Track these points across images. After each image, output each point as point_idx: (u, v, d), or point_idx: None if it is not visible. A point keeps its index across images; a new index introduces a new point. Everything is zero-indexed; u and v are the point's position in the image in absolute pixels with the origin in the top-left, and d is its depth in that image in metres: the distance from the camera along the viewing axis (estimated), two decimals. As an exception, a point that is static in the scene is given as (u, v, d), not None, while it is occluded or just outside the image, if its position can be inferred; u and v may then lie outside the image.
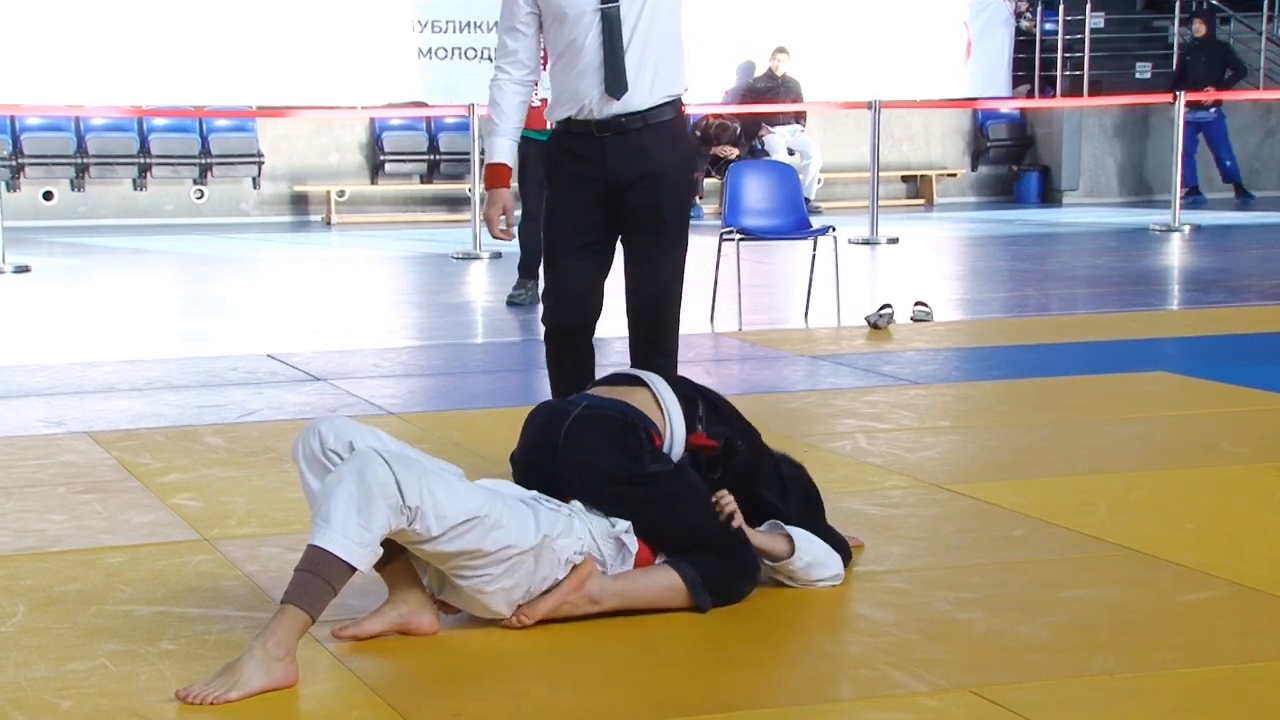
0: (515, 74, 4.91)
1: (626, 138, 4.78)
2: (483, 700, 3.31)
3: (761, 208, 9.16)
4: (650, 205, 4.81)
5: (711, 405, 4.07)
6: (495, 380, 7.30)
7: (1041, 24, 18.54)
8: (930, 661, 3.49)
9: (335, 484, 3.44)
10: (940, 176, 18.21)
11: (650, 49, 4.75)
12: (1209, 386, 6.67)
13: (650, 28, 4.74)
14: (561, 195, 4.90)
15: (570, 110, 4.82)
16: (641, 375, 4.05)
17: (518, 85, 4.92)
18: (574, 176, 4.85)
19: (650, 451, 3.83)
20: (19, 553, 4.37)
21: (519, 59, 4.90)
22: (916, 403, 6.48)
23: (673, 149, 4.86)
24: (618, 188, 4.80)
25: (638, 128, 4.78)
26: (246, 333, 8.80)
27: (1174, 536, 4.45)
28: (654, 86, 4.78)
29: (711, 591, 3.77)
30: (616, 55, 4.70)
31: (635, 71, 4.72)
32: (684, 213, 4.95)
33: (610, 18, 4.69)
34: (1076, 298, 10.37)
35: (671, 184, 4.85)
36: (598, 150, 4.79)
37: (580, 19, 4.72)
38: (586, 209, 4.84)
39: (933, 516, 4.73)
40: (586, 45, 4.72)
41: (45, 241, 14.04)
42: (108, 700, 3.28)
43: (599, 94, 4.74)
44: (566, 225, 4.88)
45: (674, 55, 4.85)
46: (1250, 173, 18.67)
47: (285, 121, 16.24)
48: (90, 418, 6.22)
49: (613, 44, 4.69)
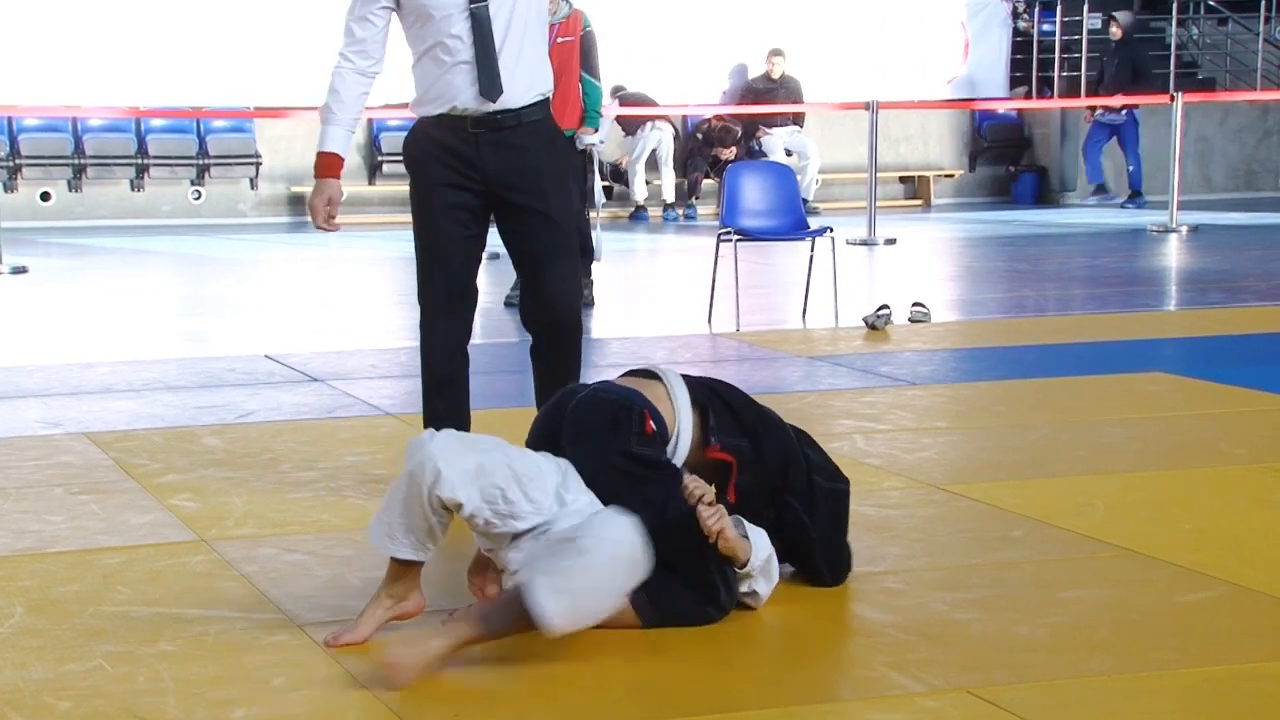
0: (360, 64, 4.81)
1: (501, 134, 4.73)
2: (483, 700, 3.31)
3: (759, 208, 9.16)
4: (537, 205, 4.76)
5: (727, 410, 3.97)
6: (493, 381, 7.29)
7: (1039, 25, 18.55)
8: (928, 662, 3.49)
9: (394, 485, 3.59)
10: (938, 177, 18.21)
11: (524, 49, 4.71)
12: (1206, 387, 6.68)
13: (524, 28, 4.70)
14: (438, 191, 4.80)
15: (442, 108, 4.76)
16: (658, 371, 4.01)
17: (361, 75, 4.82)
18: (449, 171, 4.77)
19: (639, 434, 3.76)
20: (16, 554, 4.36)
21: (365, 49, 4.79)
22: (914, 403, 6.48)
23: (548, 147, 4.82)
24: (496, 186, 4.75)
25: (512, 126, 4.73)
26: (244, 333, 8.80)
27: (1171, 537, 4.45)
28: (529, 86, 4.74)
29: (661, 613, 3.67)
30: (489, 56, 4.66)
31: (510, 72, 4.69)
32: (569, 210, 4.94)
33: (480, 17, 4.64)
34: (1074, 298, 10.38)
35: (552, 182, 4.79)
36: (473, 147, 4.74)
37: (448, 18, 4.66)
38: (464, 204, 4.78)
39: (930, 517, 4.73)
40: (456, 45, 4.67)
41: (42, 242, 14.03)
42: (105, 701, 3.28)
43: (473, 93, 4.69)
44: (445, 217, 4.81)
45: (542, 54, 4.83)
46: (1248, 173, 18.69)
47: (283, 122, 16.23)
48: (88, 418, 6.22)
49: (484, 44, 4.65)
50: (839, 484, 4.10)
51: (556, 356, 4.87)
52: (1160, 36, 19.19)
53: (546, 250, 4.79)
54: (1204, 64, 19.52)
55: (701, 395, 3.95)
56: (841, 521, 4.08)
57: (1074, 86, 18.18)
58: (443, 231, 4.80)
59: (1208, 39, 19.82)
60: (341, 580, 4.06)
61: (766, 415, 4.06)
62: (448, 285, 4.87)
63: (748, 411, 4.02)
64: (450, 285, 4.87)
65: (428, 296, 4.91)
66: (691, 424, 3.89)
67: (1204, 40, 19.83)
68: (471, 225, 4.82)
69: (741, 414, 3.99)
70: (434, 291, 4.88)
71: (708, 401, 3.95)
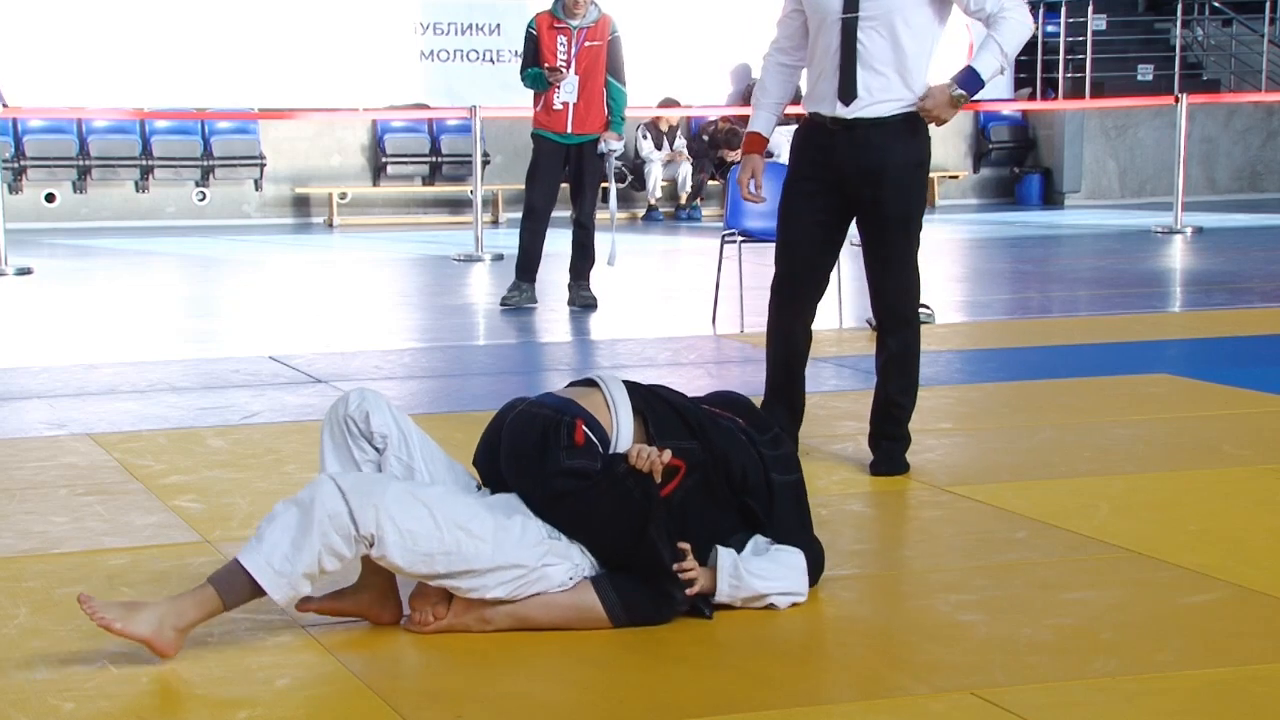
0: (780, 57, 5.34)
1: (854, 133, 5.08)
2: (483, 700, 3.31)
3: (764, 209, 9.14)
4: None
5: (671, 412, 3.89)
6: (497, 382, 7.30)
7: (1043, 26, 18.54)
8: (932, 663, 3.49)
9: (282, 510, 3.53)
10: (942, 179, 18.21)
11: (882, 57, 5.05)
12: (1211, 388, 6.68)
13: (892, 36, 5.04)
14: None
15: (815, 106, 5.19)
16: (596, 378, 3.97)
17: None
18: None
19: (568, 447, 3.71)
20: (21, 554, 4.37)
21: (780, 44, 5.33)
22: (918, 405, 6.47)
23: (903, 146, 5.13)
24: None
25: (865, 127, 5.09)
26: (248, 335, 8.81)
27: (1175, 538, 4.45)
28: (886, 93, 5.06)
29: (628, 610, 3.68)
30: (850, 63, 5.03)
31: (864, 80, 5.03)
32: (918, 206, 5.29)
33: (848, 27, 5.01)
34: (1078, 300, 10.37)
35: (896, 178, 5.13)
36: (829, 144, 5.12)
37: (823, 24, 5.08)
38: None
39: (934, 518, 4.73)
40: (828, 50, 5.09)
41: (47, 243, 14.06)
42: (109, 702, 3.29)
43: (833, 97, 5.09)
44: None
45: (909, 64, 5.09)
46: (1253, 174, 18.68)
47: (287, 123, 16.25)
48: (92, 419, 6.22)
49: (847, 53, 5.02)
50: (793, 475, 4.02)
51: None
52: (1165, 38, 19.19)
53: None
54: (1208, 65, 19.51)
55: (642, 401, 3.89)
56: (805, 513, 4.02)
57: (1079, 88, 18.18)
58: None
59: (1212, 40, 19.82)
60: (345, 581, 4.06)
61: (714, 416, 3.98)
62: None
63: (691, 413, 3.93)
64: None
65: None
66: (631, 428, 3.81)
67: (1209, 41, 19.83)
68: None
69: (686, 414, 3.91)
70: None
71: (649, 405, 3.88)
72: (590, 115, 9.44)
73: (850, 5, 4.99)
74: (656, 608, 3.70)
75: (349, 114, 16.31)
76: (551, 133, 9.53)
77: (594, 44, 9.38)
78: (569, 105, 9.41)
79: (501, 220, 16.42)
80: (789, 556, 3.88)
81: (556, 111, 9.46)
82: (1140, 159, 18.44)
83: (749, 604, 3.81)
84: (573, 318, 9.35)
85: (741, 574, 3.79)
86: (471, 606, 3.66)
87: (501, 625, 3.67)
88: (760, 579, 3.81)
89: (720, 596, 3.78)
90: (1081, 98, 17.92)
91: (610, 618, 3.67)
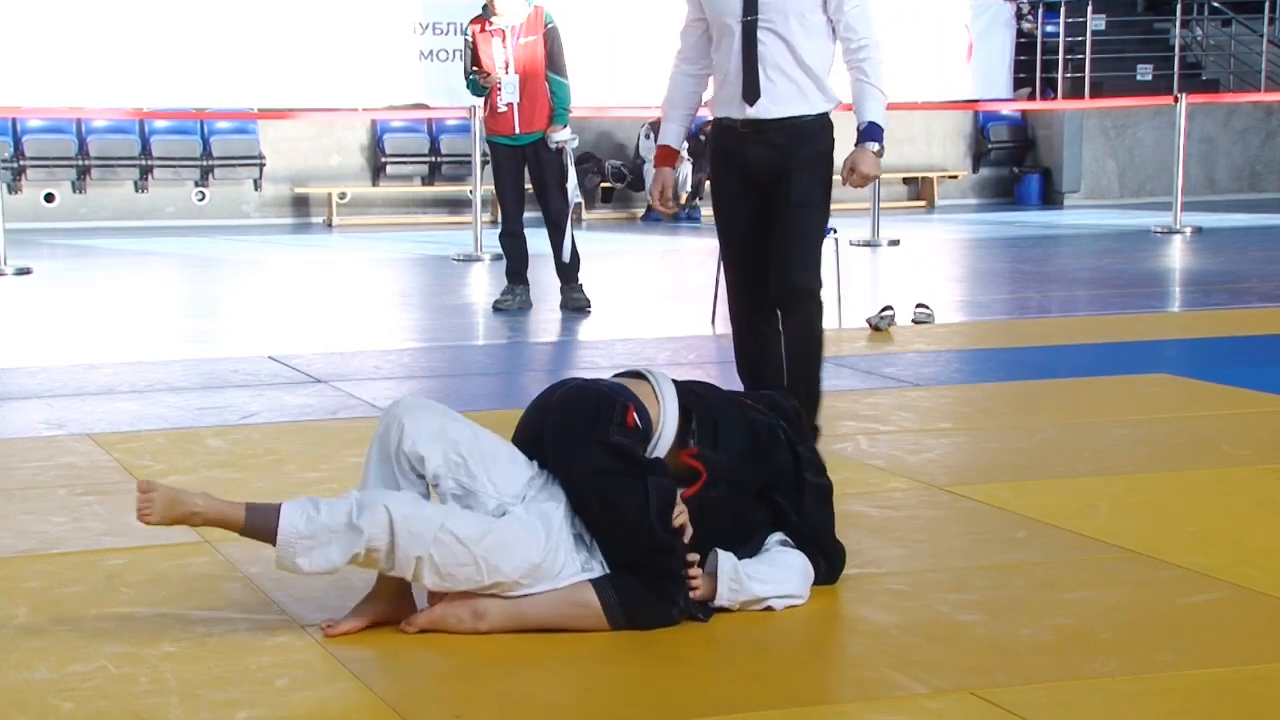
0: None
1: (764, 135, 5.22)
2: (483, 700, 3.31)
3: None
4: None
5: (711, 423, 3.89)
6: (496, 382, 7.30)
7: (1042, 26, 18.55)
8: (931, 663, 3.49)
9: (342, 509, 3.58)
10: (941, 178, 18.22)
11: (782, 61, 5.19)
12: (1210, 388, 6.68)
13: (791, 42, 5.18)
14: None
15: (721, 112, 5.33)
16: (645, 371, 4.01)
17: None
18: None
19: (619, 424, 3.73)
20: (20, 555, 4.37)
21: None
22: (917, 404, 6.48)
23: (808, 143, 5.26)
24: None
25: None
26: (247, 334, 8.81)
27: (1175, 539, 4.45)
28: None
29: (627, 613, 3.67)
30: (752, 65, 5.16)
31: (767, 81, 5.18)
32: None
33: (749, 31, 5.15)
34: (1078, 300, 10.37)
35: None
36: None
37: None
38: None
39: (934, 518, 4.73)
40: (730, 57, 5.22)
41: (46, 243, 14.06)
42: (109, 702, 3.28)
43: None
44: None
45: (809, 63, 5.24)
46: (1252, 174, 18.69)
47: (286, 123, 16.25)
48: (91, 420, 6.22)
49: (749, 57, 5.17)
50: (823, 478, 4.07)
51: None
52: (1164, 38, 19.19)
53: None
54: (1208, 65, 19.52)
55: (689, 399, 3.92)
56: (831, 516, 4.05)
57: (1078, 88, 18.18)
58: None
59: (1211, 40, 19.83)
60: (344, 581, 4.06)
61: (756, 428, 3.97)
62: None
63: (734, 430, 3.93)
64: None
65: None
66: (676, 423, 3.84)
67: (1208, 41, 19.84)
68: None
69: (724, 431, 3.91)
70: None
71: (694, 407, 3.90)
72: (536, 113, 9.39)
73: (750, 8, 5.13)
74: (655, 612, 3.70)
75: (348, 114, 16.32)
76: (501, 136, 9.51)
77: (529, 39, 9.35)
78: (513, 106, 9.36)
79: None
80: (788, 558, 3.89)
81: (502, 114, 9.43)
82: (1139, 159, 18.45)
83: (747, 607, 3.82)
84: (572, 318, 9.36)
85: (741, 578, 3.79)
86: (464, 595, 3.66)
87: (496, 621, 3.66)
88: (760, 583, 3.81)
89: (720, 600, 3.78)
90: (1081, 98, 17.92)
91: (608, 618, 3.67)
